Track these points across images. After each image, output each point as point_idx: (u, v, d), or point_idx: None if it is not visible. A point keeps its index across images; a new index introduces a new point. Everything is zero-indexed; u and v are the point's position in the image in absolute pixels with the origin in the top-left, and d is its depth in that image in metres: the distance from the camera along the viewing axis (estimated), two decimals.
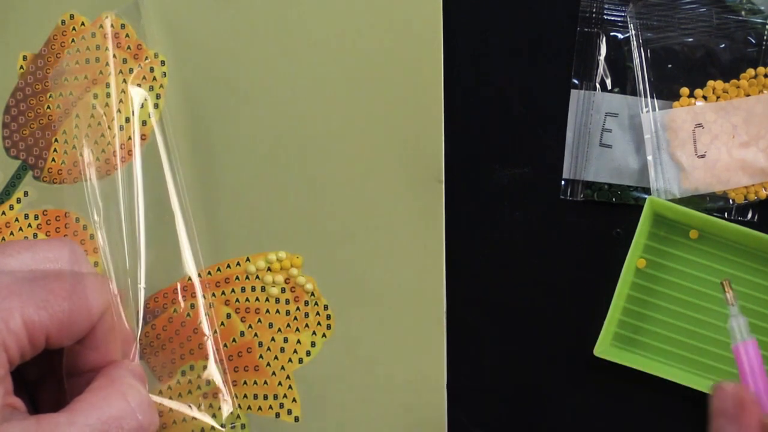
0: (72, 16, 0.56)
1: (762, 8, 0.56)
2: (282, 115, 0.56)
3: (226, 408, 0.54)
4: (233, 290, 0.55)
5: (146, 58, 0.56)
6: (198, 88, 0.56)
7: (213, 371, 0.54)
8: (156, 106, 0.55)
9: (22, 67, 0.56)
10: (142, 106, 0.55)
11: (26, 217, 0.55)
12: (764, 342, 0.55)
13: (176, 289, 0.54)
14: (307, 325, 0.55)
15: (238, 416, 0.54)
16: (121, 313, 0.46)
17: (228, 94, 0.56)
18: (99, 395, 0.41)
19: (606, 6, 0.56)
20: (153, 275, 0.54)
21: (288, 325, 0.55)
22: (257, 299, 0.55)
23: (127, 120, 0.55)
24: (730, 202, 0.55)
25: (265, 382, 0.54)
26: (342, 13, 0.56)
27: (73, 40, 0.56)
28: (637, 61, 0.56)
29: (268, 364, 0.54)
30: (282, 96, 0.56)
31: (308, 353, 0.55)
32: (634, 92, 0.56)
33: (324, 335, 0.55)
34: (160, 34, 0.56)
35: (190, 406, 0.53)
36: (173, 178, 0.55)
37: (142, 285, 0.52)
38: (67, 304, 0.40)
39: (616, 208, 0.56)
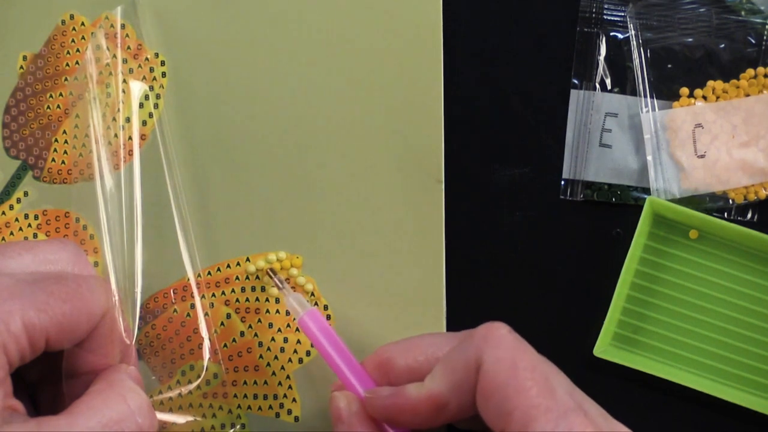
0: (72, 16, 0.56)
1: (762, 8, 0.56)
2: (282, 115, 0.56)
3: (226, 408, 0.54)
4: (233, 290, 0.55)
5: (146, 58, 0.56)
6: (197, 88, 0.56)
7: (213, 371, 0.54)
8: (156, 106, 0.55)
9: (22, 67, 0.56)
10: (142, 106, 0.55)
11: (26, 217, 0.55)
12: (765, 342, 0.55)
13: (176, 289, 0.54)
14: None
15: (238, 416, 0.54)
16: (119, 317, 0.46)
17: (227, 95, 0.56)
18: (99, 398, 0.41)
19: (606, 6, 0.56)
20: (153, 275, 0.54)
21: (288, 325, 0.55)
22: (257, 299, 0.55)
23: (128, 120, 0.55)
24: (730, 202, 0.55)
25: (265, 382, 0.54)
26: (342, 13, 0.56)
27: (73, 40, 0.56)
28: (636, 61, 0.56)
29: (268, 364, 0.54)
30: (281, 96, 0.56)
31: (308, 353, 0.55)
32: (634, 92, 0.56)
33: None
34: (159, 34, 0.56)
35: (190, 405, 0.53)
36: (173, 177, 0.55)
37: (137, 289, 0.52)
38: (67, 307, 0.40)
39: (616, 208, 0.56)
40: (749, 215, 0.56)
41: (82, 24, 0.56)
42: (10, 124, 0.56)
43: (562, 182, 0.56)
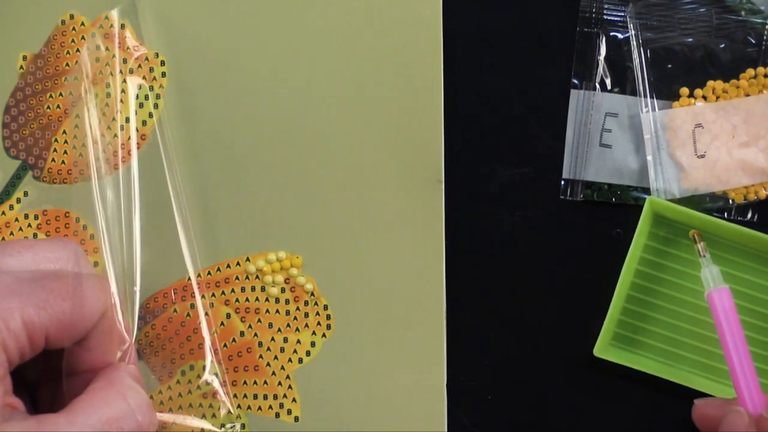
0: (72, 16, 0.56)
1: (762, 8, 0.56)
2: (282, 115, 0.56)
3: (226, 408, 0.54)
4: (233, 290, 0.55)
5: (146, 58, 0.56)
6: (197, 88, 0.56)
7: (213, 371, 0.54)
8: (156, 105, 0.55)
9: (22, 67, 0.56)
10: (142, 106, 0.55)
11: (26, 217, 0.55)
12: (765, 342, 0.55)
13: (176, 289, 0.54)
14: (307, 325, 0.55)
15: (238, 416, 0.54)
16: (119, 315, 0.46)
17: (227, 95, 0.56)
18: (98, 396, 0.41)
19: (606, 6, 0.56)
20: (153, 275, 0.54)
21: (288, 325, 0.55)
22: (257, 299, 0.55)
23: (128, 120, 0.55)
24: (730, 202, 0.55)
25: (265, 382, 0.54)
26: (342, 13, 0.56)
27: (72, 40, 0.56)
28: (637, 61, 0.56)
29: (268, 364, 0.54)
30: (281, 96, 0.56)
31: (308, 353, 0.55)
32: (634, 92, 0.56)
33: (324, 335, 0.55)
34: (159, 34, 0.56)
35: (190, 405, 0.53)
36: (173, 177, 0.55)
37: (137, 288, 0.52)
38: (67, 305, 0.40)
39: (616, 208, 0.56)
40: (749, 215, 0.56)
41: (82, 24, 0.56)
42: (10, 124, 0.56)
43: (562, 182, 0.56)
